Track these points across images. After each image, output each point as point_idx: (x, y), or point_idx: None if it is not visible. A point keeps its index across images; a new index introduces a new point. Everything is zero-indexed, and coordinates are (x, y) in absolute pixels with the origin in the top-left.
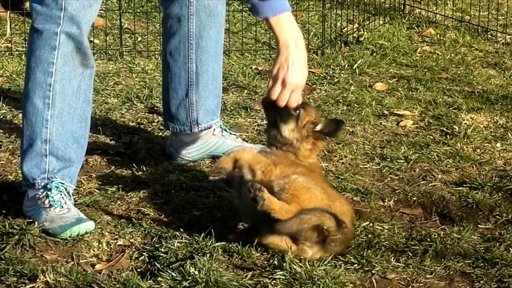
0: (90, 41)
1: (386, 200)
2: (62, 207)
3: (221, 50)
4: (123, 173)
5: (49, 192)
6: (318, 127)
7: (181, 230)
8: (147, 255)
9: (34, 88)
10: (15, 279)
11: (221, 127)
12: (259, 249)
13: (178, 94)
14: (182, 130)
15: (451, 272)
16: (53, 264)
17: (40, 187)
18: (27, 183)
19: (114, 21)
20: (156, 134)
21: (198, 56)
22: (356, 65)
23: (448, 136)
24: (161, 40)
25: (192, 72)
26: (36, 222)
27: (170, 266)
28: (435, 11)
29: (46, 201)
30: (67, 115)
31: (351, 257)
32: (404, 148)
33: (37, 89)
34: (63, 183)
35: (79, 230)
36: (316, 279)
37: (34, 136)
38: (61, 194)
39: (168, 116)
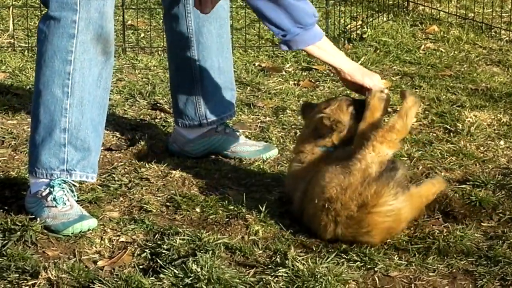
0: None
1: None
2: (65, 204)
3: (227, 44)
4: (126, 170)
5: (52, 189)
6: None
7: (184, 227)
8: (149, 252)
9: (53, 77)
10: (17, 275)
11: (224, 124)
12: (262, 246)
13: (184, 91)
14: (191, 125)
15: (454, 270)
16: (55, 261)
17: (58, 177)
18: (42, 172)
19: (117, 17)
20: (159, 130)
21: (200, 52)
22: (359, 62)
23: (451, 133)
24: (164, 36)
25: (196, 68)
26: (38, 219)
27: (172, 263)
28: (438, 8)
29: (49, 198)
30: (87, 103)
31: (354, 255)
32: (407, 146)
33: (56, 78)
34: (65, 181)
35: (81, 227)
36: (318, 276)
37: (53, 125)
38: (63, 191)
39: (177, 112)
